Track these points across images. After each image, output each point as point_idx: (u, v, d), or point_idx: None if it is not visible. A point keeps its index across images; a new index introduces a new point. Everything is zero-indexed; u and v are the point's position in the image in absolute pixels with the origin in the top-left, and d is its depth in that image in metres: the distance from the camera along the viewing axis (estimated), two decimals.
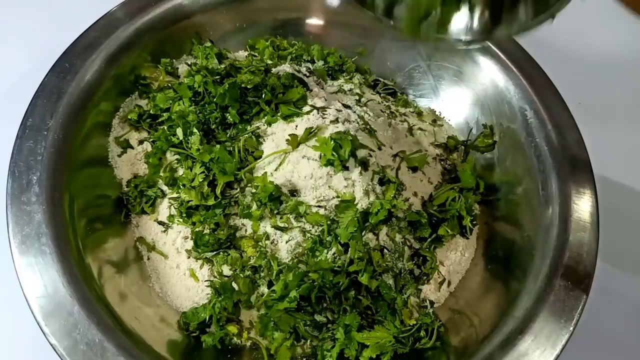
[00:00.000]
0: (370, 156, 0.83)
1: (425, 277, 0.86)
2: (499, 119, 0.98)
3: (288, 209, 0.81)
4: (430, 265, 0.85)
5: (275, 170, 0.83)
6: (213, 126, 0.89)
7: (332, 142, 0.79)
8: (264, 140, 0.88)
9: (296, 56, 1.06)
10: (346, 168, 0.81)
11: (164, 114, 0.91)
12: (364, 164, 0.82)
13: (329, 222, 0.80)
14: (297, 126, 0.85)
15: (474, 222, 0.89)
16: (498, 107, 0.98)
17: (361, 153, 0.83)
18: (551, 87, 0.95)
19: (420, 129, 1.01)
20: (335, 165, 0.80)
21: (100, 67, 0.89)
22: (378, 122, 0.92)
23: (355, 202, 0.80)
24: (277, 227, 0.81)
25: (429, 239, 0.86)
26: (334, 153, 0.79)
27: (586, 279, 0.77)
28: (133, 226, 0.88)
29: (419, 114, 1.06)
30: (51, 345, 0.67)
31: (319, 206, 0.81)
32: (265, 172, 0.83)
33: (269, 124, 0.88)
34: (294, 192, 0.83)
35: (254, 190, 0.83)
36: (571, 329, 0.73)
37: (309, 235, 0.81)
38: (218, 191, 0.83)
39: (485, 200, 0.95)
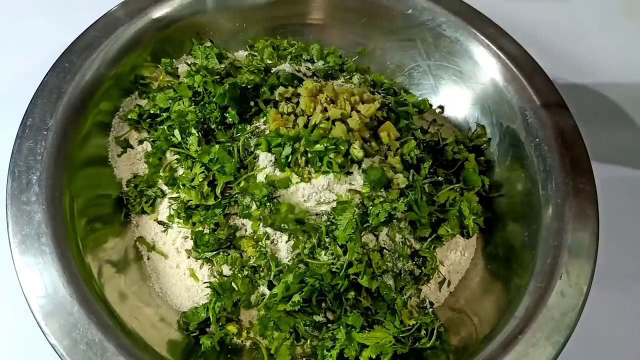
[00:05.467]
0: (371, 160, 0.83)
1: (425, 278, 0.86)
2: (499, 119, 0.98)
3: (281, 216, 0.80)
4: (431, 266, 0.85)
5: (274, 172, 0.83)
6: (213, 126, 0.89)
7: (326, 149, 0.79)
8: None
9: (295, 55, 1.06)
10: (350, 173, 0.81)
11: (164, 114, 0.91)
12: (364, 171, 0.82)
13: (327, 224, 0.80)
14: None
15: (476, 222, 0.89)
16: (498, 107, 0.98)
17: (367, 163, 0.83)
18: (551, 88, 0.95)
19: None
20: (335, 176, 0.80)
21: (100, 67, 0.89)
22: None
23: (352, 202, 0.80)
24: (276, 228, 0.81)
25: (429, 239, 0.86)
26: (330, 163, 0.79)
27: (586, 279, 0.77)
28: (133, 226, 0.88)
29: (420, 112, 1.06)
30: (51, 345, 0.67)
31: (317, 214, 0.81)
32: (254, 175, 0.83)
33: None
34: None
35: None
36: (571, 329, 0.73)
37: (306, 237, 0.81)
38: (218, 191, 0.84)
39: (485, 199, 0.95)
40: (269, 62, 1.02)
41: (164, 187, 0.88)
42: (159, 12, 0.98)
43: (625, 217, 1.05)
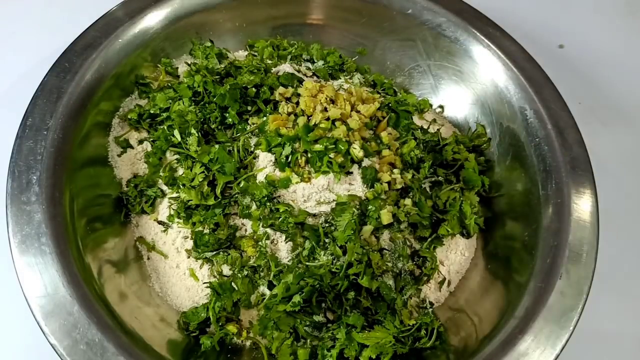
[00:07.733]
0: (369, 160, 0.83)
1: (425, 278, 0.86)
2: (499, 119, 0.98)
3: (277, 216, 0.81)
4: (431, 266, 0.85)
5: (274, 172, 0.83)
6: (213, 126, 0.89)
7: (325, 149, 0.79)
8: None
9: (295, 55, 1.06)
10: (350, 173, 0.81)
11: (164, 114, 0.91)
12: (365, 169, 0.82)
13: (326, 225, 0.80)
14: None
15: (477, 222, 0.89)
16: (498, 107, 0.98)
17: (367, 163, 0.83)
18: (551, 87, 0.95)
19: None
20: (335, 176, 0.80)
21: (100, 67, 0.89)
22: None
23: (351, 204, 0.80)
24: (276, 229, 0.81)
25: (429, 239, 0.86)
26: (330, 163, 0.79)
27: (586, 279, 0.77)
28: (133, 226, 0.88)
29: (420, 112, 1.06)
30: (51, 345, 0.67)
31: (315, 215, 0.81)
32: (254, 175, 0.83)
33: None
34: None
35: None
36: (571, 329, 0.74)
37: (305, 237, 0.81)
38: (218, 191, 0.83)
39: (485, 199, 0.95)
40: (269, 62, 1.02)
41: (164, 187, 0.88)
42: (158, 12, 0.98)
43: (625, 217, 1.05)
